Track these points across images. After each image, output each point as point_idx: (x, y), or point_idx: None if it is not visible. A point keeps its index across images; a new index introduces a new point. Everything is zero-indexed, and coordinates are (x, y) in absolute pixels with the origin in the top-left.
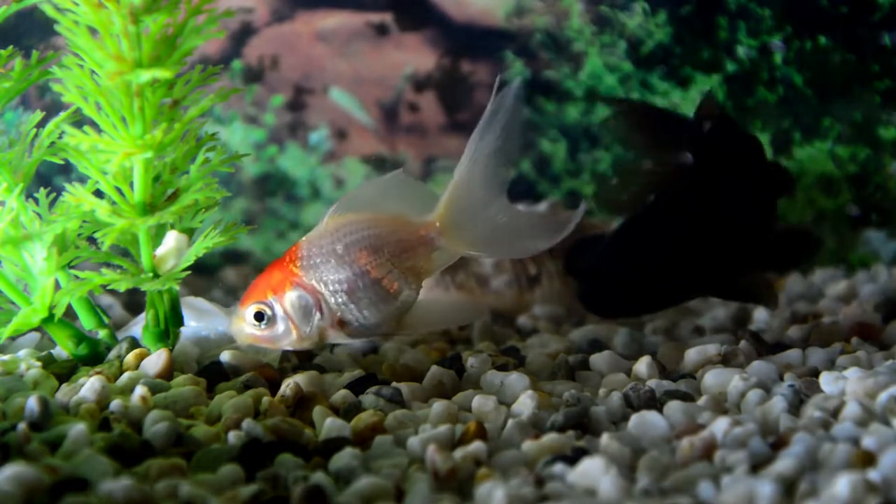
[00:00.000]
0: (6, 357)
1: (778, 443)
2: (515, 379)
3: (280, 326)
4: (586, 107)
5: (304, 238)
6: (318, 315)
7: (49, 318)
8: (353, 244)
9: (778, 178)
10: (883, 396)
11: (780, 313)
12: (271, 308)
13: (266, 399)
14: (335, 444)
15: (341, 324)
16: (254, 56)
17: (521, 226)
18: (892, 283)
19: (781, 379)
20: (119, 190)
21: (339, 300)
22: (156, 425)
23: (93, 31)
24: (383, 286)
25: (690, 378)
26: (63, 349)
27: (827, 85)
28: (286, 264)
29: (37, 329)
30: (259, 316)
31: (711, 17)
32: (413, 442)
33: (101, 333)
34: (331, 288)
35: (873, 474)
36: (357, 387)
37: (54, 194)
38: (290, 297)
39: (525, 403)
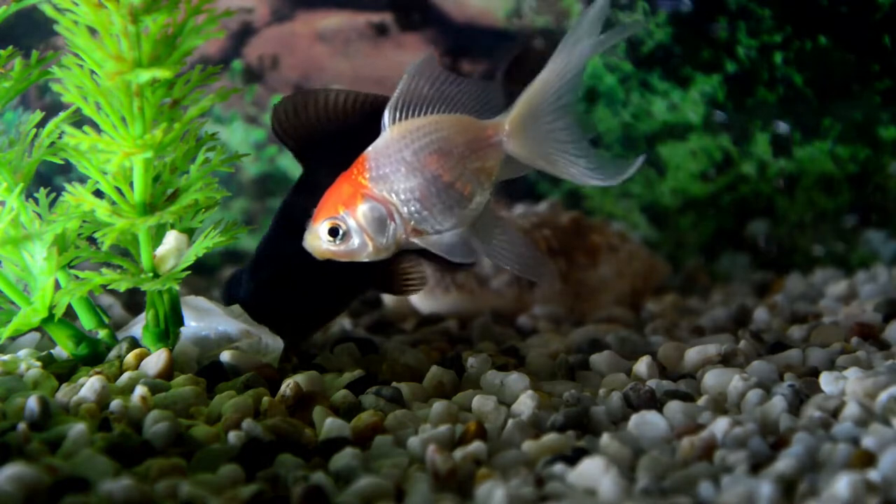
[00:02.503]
0: (6, 357)
1: (778, 443)
2: (515, 379)
3: (356, 240)
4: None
5: (369, 148)
6: (392, 225)
7: (49, 318)
8: (421, 150)
9: None
10: (883, 396)
11: (780, 313)
12: (344, 223)
13: (266, 399)
14: (335, 444)
15: (416, 232)
16: (254, 56)
17: (586, 154)
18: (892, 283)
19: (781, 379)
20: (119, 190)
21: (413, 209)
22: (156, 425)
23: (92, 31)
24: (456, 190)
25: (690, 378)
26: (63, 349)
27: (827, 85)
28: (354, 177)
29: (37, 329)
30: (333, 231)
31: (711, 17)
32: (413, 442)
33: (101, 333)
34: (403, 197)
35: (873, 474)
36: (357, 387)
37: (54, 194)
38: (363, 210)
39: (525, 403)
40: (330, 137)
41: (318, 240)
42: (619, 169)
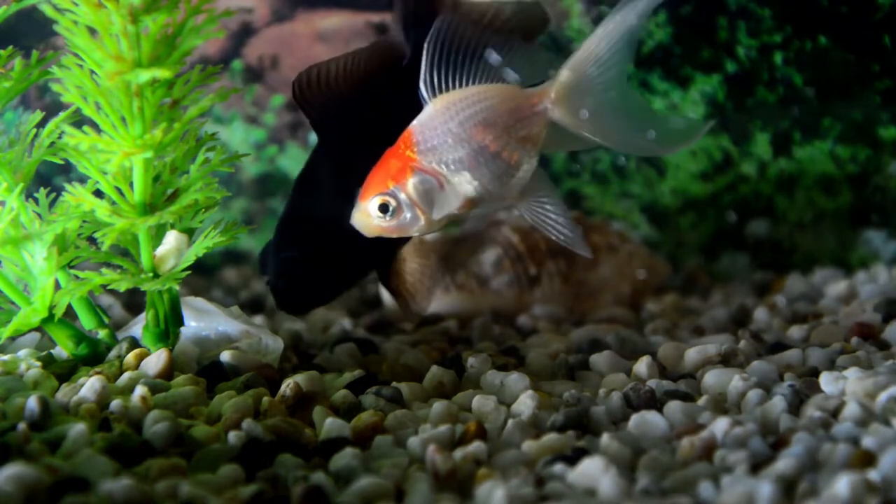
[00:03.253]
0: (6, 357)
1: (778, 443)
2: (515, 379)
3: (407, 214)
4: None
5: (414, 122)
6: (442, 197)
7: (49, 318)
8: (467, 120)
9: None
10: (883, 396)
11: (780, 313)
12: (395, 197)
13: (266, 399)
14: (335, 444)
15: (467, 202)
16: (254, 56)
17: (642, 119)
18: (892, 283)
19: (781, 379)
20: (119, 190)
21: (465, 178)
22: (156, 425)
23: (92, 30)
24: (503, 159)
25: (690, 378)
26: (63, 349)
27: (827, 85)
28: (401, 151)
29: (37, 329)
30: (384, 207)
31: (711, 17)
32: (413, 442)
33: (101, 333)
34: (452, 168)
35: (873, 474)
36: (357, 387)
37: (54, 194)
38: (413, 183)
39: (525, 403)
40: (351, 103)
41: (368, 217)
42: (679, 135)
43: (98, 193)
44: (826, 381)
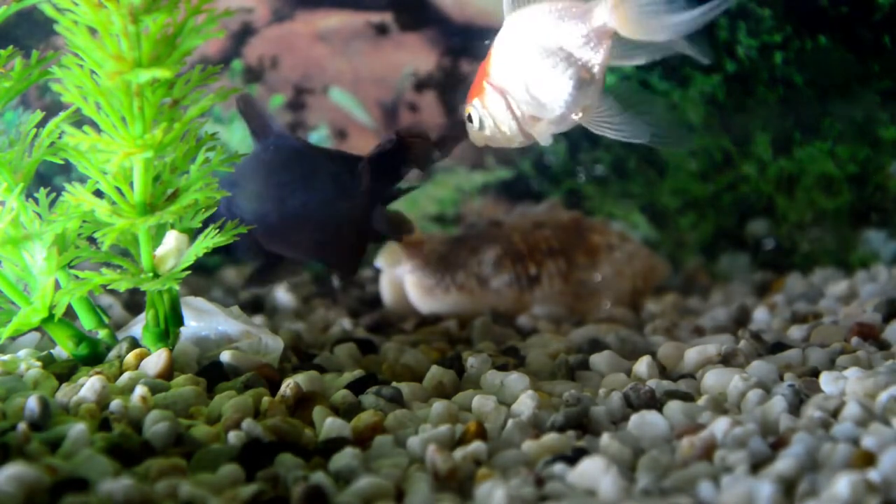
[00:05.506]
0: (6, 357)
1: (778, 443)
2: (515, 379)
3: (487, 127)
4: None
5: (496, 38)
6: (509, 113)
7: (49, 318)
8: (535, 37)
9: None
10: (883, 396)
11: (780, 313)
12: (477, 110)
13: (266, 399)
14: (335, 444)
15: (533, 119)
16: (254, 56)
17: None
18: (893, 282)
19: (781, 379)
20: (119, 190)
21: (527, 96)
22: (156, 425)
23: (92, 30)
24: (570, 76)
25: (690, 378)
26: (63, 349)
27: (827, 85)
28: (483, 67)
29: (37, 329)
30: (469, 118)
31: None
32: (413, 442)
33: (101, 333)
34: (517, 85)
35: (873, 474)
36: (357, 387)
37: (54, 194)
38: (486, 98)
39: (525, 403)
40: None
41: (467, 124)
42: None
43: (98, 193)
44: (826, 381)
